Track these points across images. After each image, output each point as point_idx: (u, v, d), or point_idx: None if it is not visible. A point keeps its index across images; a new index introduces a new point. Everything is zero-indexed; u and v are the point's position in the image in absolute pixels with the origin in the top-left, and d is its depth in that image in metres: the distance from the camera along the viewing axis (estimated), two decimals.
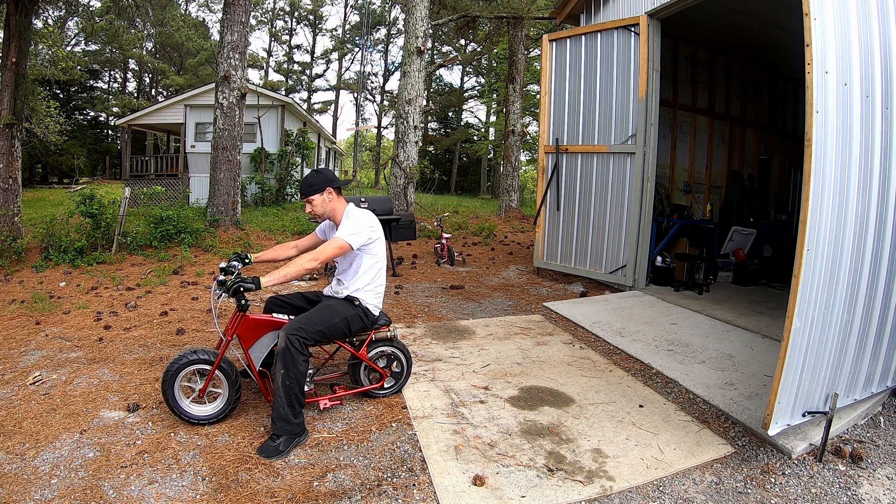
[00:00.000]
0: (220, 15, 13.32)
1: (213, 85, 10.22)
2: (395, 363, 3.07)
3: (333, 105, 38.37)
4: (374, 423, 2.76)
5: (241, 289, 2.48)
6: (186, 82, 26.42)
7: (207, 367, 2.64)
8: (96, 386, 3.15)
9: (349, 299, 2.82)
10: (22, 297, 5.33)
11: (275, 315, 2.78)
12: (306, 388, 2.73)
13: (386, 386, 3.06)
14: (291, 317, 2.77)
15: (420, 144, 10.08)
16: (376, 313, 2.91)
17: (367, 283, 2.84)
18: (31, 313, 4.72)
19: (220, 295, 2.50)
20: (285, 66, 37.66)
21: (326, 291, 3.02)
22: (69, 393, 3.04)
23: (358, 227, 2.72)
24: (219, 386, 2.72)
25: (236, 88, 8.29)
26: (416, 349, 3.85)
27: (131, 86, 32.28)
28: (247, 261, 2.83)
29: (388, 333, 3.01)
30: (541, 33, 12.92)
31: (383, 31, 36.08)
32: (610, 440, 2.59)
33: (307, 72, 38.01)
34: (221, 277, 2.62)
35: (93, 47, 27.90)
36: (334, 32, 38.23)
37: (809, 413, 2.45)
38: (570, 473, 2.30)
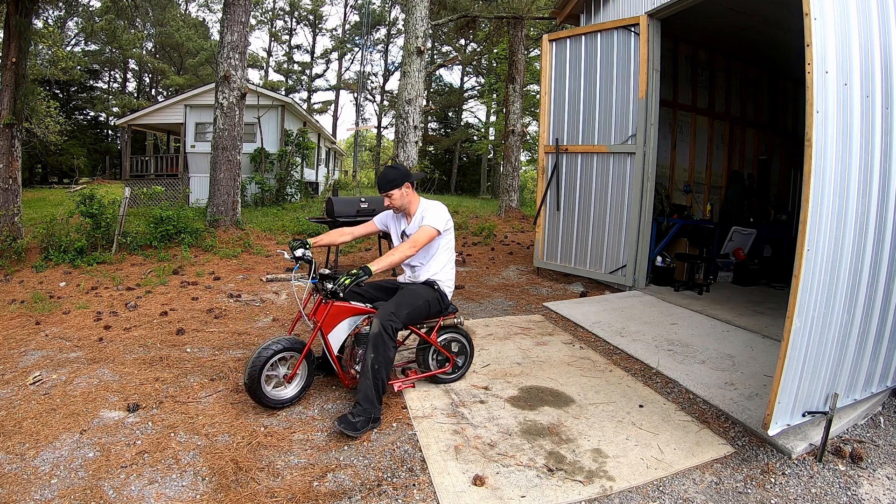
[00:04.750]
0: (220, 15, 13.32)
1: (213, 85, 10.22)
2: (459, 349, 3.26)
3: (333, 105, 38.38)
4: None
5: (360, 283, 2.72)
6: (186, 82, 26.42)
7: (293, 355, 2.85)
8: (96, 386, 3.15)
9: (428, 283, 3.05)
10: (22, 297, 5.33)
11: (354, 303, 2.93)
12: None
13: (451, 371, 3.22)
14: (368, 305, 2.97)
15: (420, 144, 10.07)
16: (450, 297, 3.13)
17: (441, 266, 3.09)
18: (31, 313, 4.72)
19: (336, 291, 2.70)
20: (285, 66, 37.65)
21: (402, 279, 3.24)
22: (69, 393, 3.04)
23: (441, 216, 3.01)
24: (295, 370, 2.90)
25: (236, 88, 8.29)
26: None
27: (131, 86, 32.31)
28: (308, 245, 3.02)
29: (456, 320, 3.23)
30: (541, 33, 12.92)
31: (383, 31, 36.08)
32: (610, 440, 2.59)
33: (307, 72, 38.01)
34: (325, 270, 2.85)
35: (93, 47, 27.89)
36: (334, 32, 38.24)
37: (809, 413, 2.45)
38: (570, 473, 2.30)
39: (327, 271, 2.87)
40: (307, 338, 2.99)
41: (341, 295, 2.74)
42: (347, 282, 2.65)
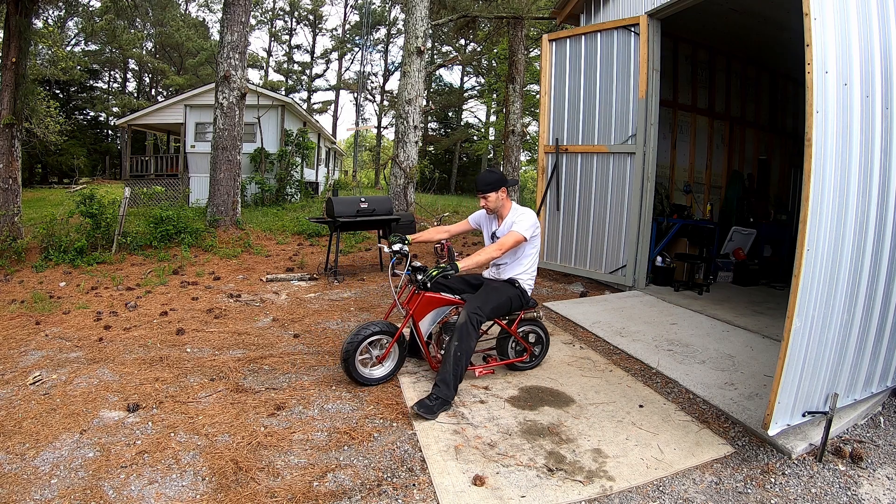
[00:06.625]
0: (220, 15, 13.32)
1: (213, 85, 10.22)
2: (536, 340, 3.46)
3: (333, 105, 38.38)
4: (375, 422, 2.76)
5: (446, 276, 2.97)
6: (186, 82, 26.42)
7: (385, 338, 3.10)
8: (96, 386, 3.15)
9: (510, 281, 3.26)
10: (22, 297, 5.33)
11: (443, 294, 3.15)
12: None
13: (528, 360, 3.43)
14: (456, 296, 3.18)
15: (420, 144, 10.07)
16: (530, 293, 3.33)
17: (525, 269, 3.29)
18: (31, 313, 4.73)
19: (424, 281, 2.92)
20: (285, 66, 37.65)
21: (486, 274, 3.46)
22: (69, 393, 3.04)
23: (530, 223, 3.17)
24: (387, 352, 3.14)
25: (236, 88, 8.29)
26: None
27: (131, 86, 32.34)
28: (406, 241, 3.24)
29: (535, 314, 3.43)
30: (541, 33, 12.91)
31: (383, 31, 36.10)
32: (610, 440, 2.59)
33: (307, 72, 38.01)
34: (417, 263, 3.09)
35: (93, 47, 27.90)
36: (334, 32, 38.25)
37: (809, 413, 2.45)
38: (570, 473, 2.30)
39: (419, 264, 3.09)
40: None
41: (428, 285, 2.97)
42: (434, 273, 2.88)
